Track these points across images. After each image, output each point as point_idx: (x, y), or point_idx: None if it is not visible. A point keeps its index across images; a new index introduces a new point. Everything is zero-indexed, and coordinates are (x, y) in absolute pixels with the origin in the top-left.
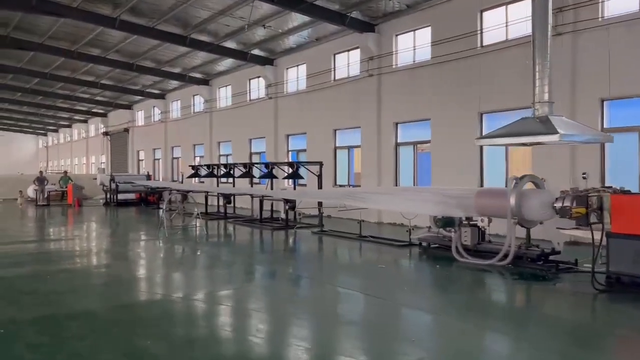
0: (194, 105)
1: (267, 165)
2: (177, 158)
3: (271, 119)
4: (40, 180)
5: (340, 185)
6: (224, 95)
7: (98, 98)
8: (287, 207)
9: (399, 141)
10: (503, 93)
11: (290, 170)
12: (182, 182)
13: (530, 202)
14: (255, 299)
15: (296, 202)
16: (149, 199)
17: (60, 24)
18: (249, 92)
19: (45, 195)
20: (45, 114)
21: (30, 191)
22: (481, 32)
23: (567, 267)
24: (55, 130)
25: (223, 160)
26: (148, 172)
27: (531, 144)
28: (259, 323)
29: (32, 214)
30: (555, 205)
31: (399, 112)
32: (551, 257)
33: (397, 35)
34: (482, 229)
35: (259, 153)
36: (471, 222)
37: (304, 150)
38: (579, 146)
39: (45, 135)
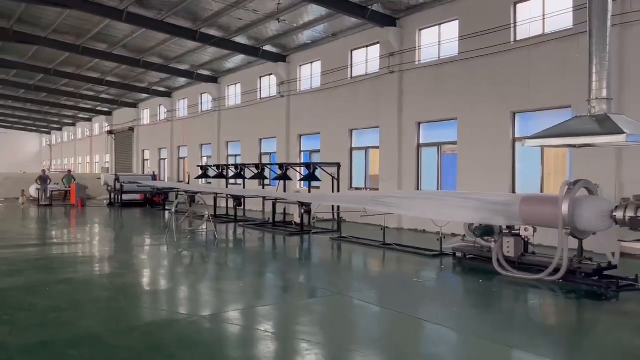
0: (201, 104)
1: (281, 166)
2: (184, 158)
3: (283, 118)
4: (43, 179)
5: (357, 188)
6: (233, 94)
7: (103, 96)
8: (302, 210)
9: (421, 142)
10: (539, 91)
11: (307, 172)
12: (188, 183)
13: (585, 211)
14: (284, 320)
15: (311, 205)
16: (154, 200)
17: (65, 17)
18: (260, 90)
19: (48, 195)
20: (49, 111)
21: (33, 190)
22: (514, 26)
23: (627, 283)
24: (59, 129)
25: (231, 161)
26: (154, 172)
27: (580, 146)
28: (295, 355)
29: (33, 215)
30: (615, 214)
31: (422, 111)
32: (606, 272)
33: (420, 30)
34: (526, 239)
35: (270, 154)
36: (513, 231)
37: (318, 151)
38: (624, 148)
39: (48, 133)
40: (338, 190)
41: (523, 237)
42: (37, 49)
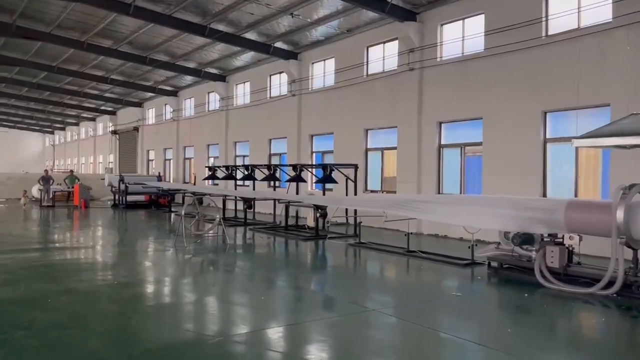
0: (208, 103)
1: (294, 167)
2: (190, 159)
3: (294, 118)
4: (46, 179)
5: (372, 191)
6: (242, 92)
7: (107, 95)
8: (317, 214)
9: (442, 143)
10: (574, 89)
11: (321, 174)
12: (194, 184)
13: None
14: (319, 343)
15: (327, 209)
16: (159, 202)
17: (70, 11)
18: (270, 89)
19: (51, 196)
20: (52, 111)
21: (35, 191)
22: (546, 20)
23: None
24: (62, 129)
25: (239, 162)
26: (159, 173)
27: (631, 147)
28: None
29: (35, 216)
30: None
31: (443, 110)
32: None
33: (442, 25)
34: (571, 248)
35: (280, 154)
36: (556, 240)
37: (331, 152)
38: None
39: (51, 133)
40: (355, 193)
41: (567, 245)
42: (41, 45)
